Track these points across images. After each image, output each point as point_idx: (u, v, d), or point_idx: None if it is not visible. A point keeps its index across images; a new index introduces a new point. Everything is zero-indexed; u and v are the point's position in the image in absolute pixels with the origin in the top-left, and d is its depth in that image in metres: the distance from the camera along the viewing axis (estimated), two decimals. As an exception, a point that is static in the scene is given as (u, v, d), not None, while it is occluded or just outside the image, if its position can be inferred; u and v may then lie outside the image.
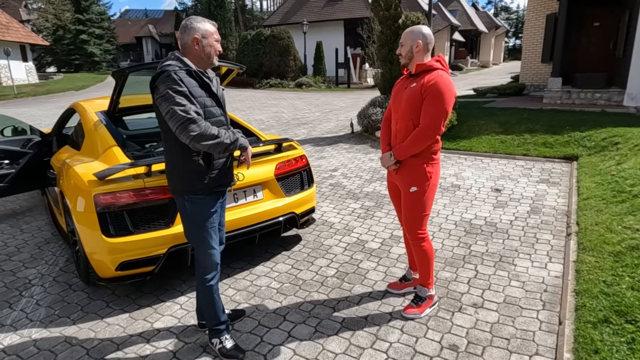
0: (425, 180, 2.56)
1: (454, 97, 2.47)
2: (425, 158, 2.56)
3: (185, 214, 2.31)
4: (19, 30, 26.42)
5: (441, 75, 2.44)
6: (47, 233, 4.33)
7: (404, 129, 2.56)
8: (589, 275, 2.95)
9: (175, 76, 2.08)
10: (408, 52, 2.53)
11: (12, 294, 3.19)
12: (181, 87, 2.08)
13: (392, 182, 2.82)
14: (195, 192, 2.26)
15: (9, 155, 4.56)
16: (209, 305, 2.43)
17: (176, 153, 2.22)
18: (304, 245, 3.89)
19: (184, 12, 48.16)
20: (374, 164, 6.57)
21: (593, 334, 2.35)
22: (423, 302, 2.78)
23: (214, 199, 2.33)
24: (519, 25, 62.40)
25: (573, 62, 11.10)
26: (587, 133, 6.64)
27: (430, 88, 2.40)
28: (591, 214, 3.95)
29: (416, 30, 2.52)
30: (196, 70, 2.19)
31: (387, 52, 8.73)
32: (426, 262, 2.73)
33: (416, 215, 2.62)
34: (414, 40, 2.50)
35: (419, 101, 2.46)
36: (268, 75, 22.78)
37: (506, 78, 18.32)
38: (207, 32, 2.19)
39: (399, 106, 2.60)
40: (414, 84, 2.49)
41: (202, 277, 2.38)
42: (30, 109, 15.16)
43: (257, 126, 10.38)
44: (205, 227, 2.31)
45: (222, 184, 2.35)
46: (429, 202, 2.62)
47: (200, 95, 2.18)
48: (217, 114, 2.28)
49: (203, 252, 2.35)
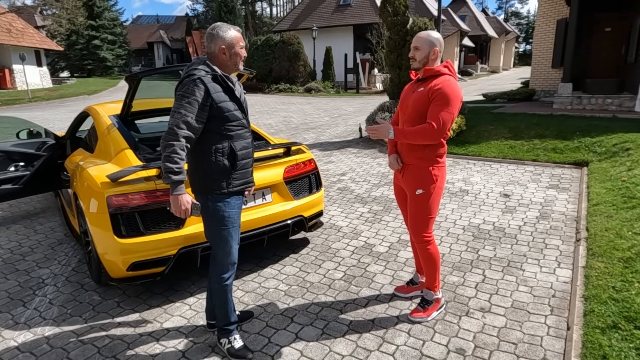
0: (431, 182, 2.57)
1: (461, 102, 2.48)
2: (431, 161, 2.57)
3: (207, 214, 2.35)
4: (34, 35, 26.97)
5: (448, 80, 2.47)
6: (60, 234, 4.41)
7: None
8: (598, 281, 2.93)
9: (201, 83, 2.16)
10: (424, 58, 2.53)
11: (26, 293, 3.26)
12: (196, 96, 2.15)
13: (398, 186, 2.84)
14: (218, 191, 2.31)
15: (24, 158, 4.66)
16: (222, 304, 2.46)
17: (201, 153, 2.28)
18: (311, 248, 3.92)
19: (195, 18, 48.72)
20: (382, 169, 6.58)
21: (601, 340, 2.34)
22: (430, 306, 2.79)
23: (236, 198, 2.39)
24: (530, 31, 62.06)
25: (584, 67, 11.04)
26: (598, 139, 6.59)
27: (437, 92, 2.42)
28: (601, 219, 3.93)
29: (433, 37, 2.53)
30: (222, 75, 2.26)
31: (395, 57, 8.77)
32: (432, 265, 2.73)
33: (422, 218, 2.64)
34: (432, 47, 2.51)
35: (425, 105, 2.47)
36: (277, 80, 22.93)
37: (516, 83, 18.24)
38: (234, 41, 2.27)
39: (406, 110, 2.62)
40: (422, 88, 2.52)
41: (219, 275, 2.42)
42: (44, 113, 15.43)
43: (266, 130, 10.46)
44: (226, 227, 2.36)
45: (244, 184, 2.42)
46: (435, 205, 2.64)
47: (224, 100, 2.25)
48: (240, 117, 2.35)
49: (222, 251, 2.39)
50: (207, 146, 2.26)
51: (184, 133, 2.14)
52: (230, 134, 2.30)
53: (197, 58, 2.32)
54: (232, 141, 2.31)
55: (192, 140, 2.19)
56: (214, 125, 2.24)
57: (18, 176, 4.46)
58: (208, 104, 2.19)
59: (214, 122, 2.24)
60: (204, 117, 2.20)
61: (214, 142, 2.27)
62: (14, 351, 2.57)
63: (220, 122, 2.25)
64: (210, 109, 2.21)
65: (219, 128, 2.26)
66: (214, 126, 2.25)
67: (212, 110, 2.21)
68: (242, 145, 2.35)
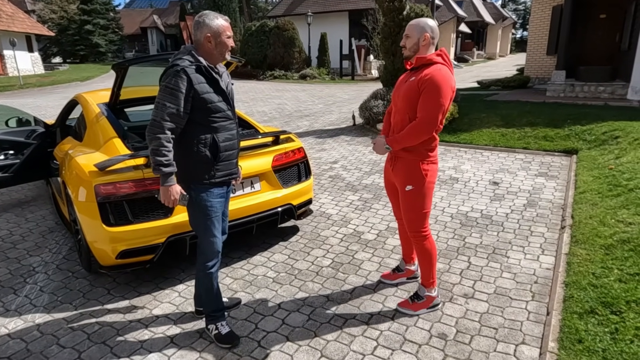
0: (420, 179, 2.52)
1: (452, 91, 2.42)
2: (421, 155, 2.51)
3: (190, 203, 2.38)
4: (24, 20, 26.49)
5: (439, 69, 2.39)
6: (51, 222, 4.43)
7: (399, 122, 2.54)
8: (579, 267, 3.00)
9: (183, 74, 2.16)
10: (414, 45, 2.48)
11: (16, 280, 3.29)
12: (180, 87, 2.15)
13: (388, 177, 2.80)
14: (201, 181, 2.34)
15: (13, 146, 4.65)
16: (207, 292, 2.51)
17: (185, 144, 2.30)
18: (301, 236, 3.96)
19: (189, 2, 47.94)
20: (373, 157, 6.61)
21: (578, 324, 2.41)
22: (420, 301, 2.74)
23: (219, 188, 2.41)
24: (527, 17, 61.59)
25: (578, 54, 11.01)
26: (588, 127, 6.64)
27: (427, 82, 2.36)
28: (586, 207, 3.99)
29: (423, 23, 2.47)
30: (206, 66, 2.25)
31: (390, 44, 8.71)
32: (428, 260, 2.68)
33: (415, 214, 2.59)
34: (421, 33, 2.45)
35: (415, 95, 2.42)
36: (272, 66, 22.73)
37: (512, 70, 18.19)
38: (220, 30, 2.24)
39: (397, 100, 2.58)
40: (413, 78, 2.46)
41: (203, 264, 2.46)
42: (36, 100, 15.28)
43: (259, 118, 10.43)
44: (209, 216, 2.39)
45: (228, 175, 2.43)
46: (428, 200, 2.58)
47: (208, 92, 2.25)
48: (224, 109, 2.34)
49: (206, 240, 2.43)
50: (190, 137, 2.28)
51: (169, 125, 2.16)
52: (214, 126, 2.31)
53: (184, 47, 2.31)
54: (216, 132, 2.32)
55: (176, 132, 2.22)
56: (197, 116, 2.26)
57: (8, 164, 4.46)
58: (191, 95, 2.20)
59: (197, 113, 2.25)
60: (187, 109, 2.21)
61: (197, 133, 2.28)
62: (4, 337, 2.61)
63: (204, 113, 2.26)
64: (193, 100, 2.22)
65: (202, 119, 2.27)
66: (198, 117, 2.26)
67: (195, 101, 2.22)
68: (225, 137, 2.36)
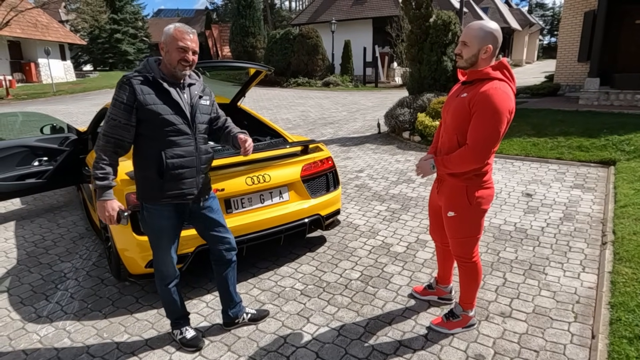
0: (464, 205, 2.26)
1: (511, 114, 2.09)
2: (468, 180, 2.23)
3: (142, 220, 2.37)
4: (58, 30, 27.55)
5: (497, 88, 2.04)
6: (82, 228, 4.50)
7: (447, 142, 2.29)
8: (626, 287, 2.82)
9: (127, 85, 2.10)
10: (472, 57, 2.13)
11: (48, 286, 3.34)
12: (122, 98, 2.09)
13: (433, 199, 2.58)
14: (148, 201, 2.27)
15: (47, 153, 4.77)
16: (167, 304, 2.56)
17: (135, 158, 2.27)
18: (328, 247, 3.89)
19: (214, 11, 48.95)
20: (400, 166, 6.50)
21: (628, 350, 2.25)
22: (455, 320, 2.59)
23: (169, 210, 2.29)
24: (555, 23, 60.32)
25: (612, 61, 10.65)
26: (627, 137, 6.36)
27: (481, 103, 2.03)
28: (629, 222, 3.78)
29: (488, 30, 2.09)
30: (154, 77, 2.14)
31: (416, 51, 8.63)
32: (472, 285, 2.50)
33: (461, 240, 2.38)
34: (484, 44, 2.09)
35: (465, 115, 2.13)
36: (296, 74, 22.89)
37: (540, 77, 17.77)
38: (169, 39, 2.12)
39: (446, 118, 2.31)
40: (465, 94, 2.15)
41: (158, 280, 2.48)
42: (68, 106, 15.78)
43: (283, 125, 10.46)
44: (157, 236, 2.35)
45: (179, 195, 2.25)
46: (475, 227, 2.33)
47: (154, 103, 2.12)
48: (175, 122, 2.16)
49: (159, 259, 2.42)
50: (139, 151, 2.21)
51: (111, 137, 2.11)
52: (163, 140, 2.16)
53: (147, 58, 2.29)
54: (165, 148, 2.17)
55: (123, 144, 2.14)
56: (144, 129, 2.16)
57: (42, 170, 4.58)
58: (135, 106, 2.10)
59: (144, 125, 2.15)
60: (131, 120, 2.11)
61: (145, 147, 2.20)
62: (36, 344, 2.63)
63: (151, 127, 2.15)
64: (138, 112, 2.11)
65: (149, 133, 2.16)
66: (145, 130, 2.16)
67: (140, 112, 2.11)
68: (175, 153, 2.19)
